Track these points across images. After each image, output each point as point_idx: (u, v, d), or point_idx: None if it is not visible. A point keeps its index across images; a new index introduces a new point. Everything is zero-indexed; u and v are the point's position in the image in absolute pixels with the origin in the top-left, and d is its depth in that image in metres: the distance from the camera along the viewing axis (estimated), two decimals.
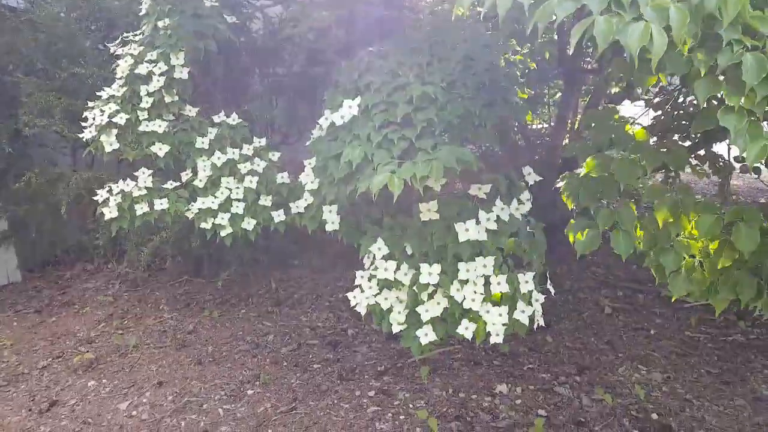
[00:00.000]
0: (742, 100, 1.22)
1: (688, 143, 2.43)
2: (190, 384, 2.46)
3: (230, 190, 2.12)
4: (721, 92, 1.25)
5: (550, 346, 2.65)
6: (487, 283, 1.63)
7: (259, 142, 2.30)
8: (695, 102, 2.46)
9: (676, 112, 2.66)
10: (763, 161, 1.32)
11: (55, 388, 2.50)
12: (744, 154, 1.23)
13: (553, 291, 1.84)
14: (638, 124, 3.11)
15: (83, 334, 2.98)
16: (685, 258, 1.59)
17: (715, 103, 1.47)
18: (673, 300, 1.66)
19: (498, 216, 1.68)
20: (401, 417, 2.16)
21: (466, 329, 1.64)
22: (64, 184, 3.53)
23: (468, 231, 1.62)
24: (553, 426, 2.08)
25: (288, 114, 3.70)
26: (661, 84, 2.91)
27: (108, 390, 2.45)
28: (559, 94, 3.76)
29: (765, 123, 1.34)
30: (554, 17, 1.16)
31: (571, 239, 1.70)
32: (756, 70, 1.17)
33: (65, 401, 2.38)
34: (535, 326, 1.73)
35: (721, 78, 1.25)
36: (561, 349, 2.63)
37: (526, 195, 1.82)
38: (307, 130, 4.07)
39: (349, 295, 1.81)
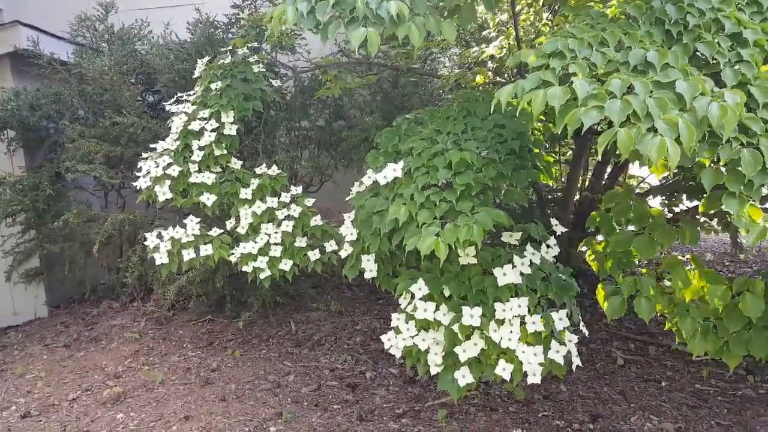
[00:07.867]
0: (742, 187, 1.44)
1: (697, 202, 2.61)
2: (215, 419, 2.55)
3: (269, 235, 2.29)
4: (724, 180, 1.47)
5: (563, 395, 2.73)
6: (522, 323, 1.73)
7: (296, 189, 2.50)
8: None
9: (684, 174, 2.84)
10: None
11: (85, 419, 2.59)
12: (746, 234, 1.42)
13: (587, 333, 1.96)
14: (648, 183, 3.30)
15: (111, 369, 3.09)
16: (700, 323, 1.81)
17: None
18: (675, 348, 1.84)
19: (530, 260, 1.82)
20: None
21: (503, 370, 1.71)
22: (98, 225, 3.74)
23: (506, 275, 1.75)
24: None
25: (311, 164, 3.93)
26: None
27: (136, 423, 2.55)
28: (570, 152, 3.98)
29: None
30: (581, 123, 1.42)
31: (600, 300, 1.90)
32: (752, 163, 1.40)
33: None
34: (574, 367, 1.80)
35: (723, 169, 1.47)
36: (575, 397, 2.71)
37: (553, 240, 1.95)
38: (328, 179, 4.34)
39: (383, 337, 1.89)
